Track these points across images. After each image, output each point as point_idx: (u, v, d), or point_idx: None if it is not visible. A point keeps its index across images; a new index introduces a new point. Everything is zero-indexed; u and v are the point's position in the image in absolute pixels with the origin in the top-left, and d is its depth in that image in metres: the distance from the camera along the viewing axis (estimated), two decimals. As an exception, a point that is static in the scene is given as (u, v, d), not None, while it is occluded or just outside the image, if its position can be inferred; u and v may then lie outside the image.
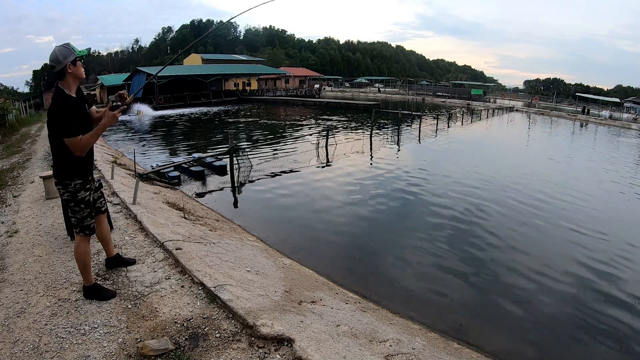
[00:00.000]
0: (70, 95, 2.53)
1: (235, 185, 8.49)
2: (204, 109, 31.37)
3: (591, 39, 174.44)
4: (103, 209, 3.07)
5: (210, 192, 8.18)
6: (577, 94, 53.81)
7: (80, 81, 2.63)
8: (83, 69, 2.61)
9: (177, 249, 3.63)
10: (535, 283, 4.64)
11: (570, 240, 6.06)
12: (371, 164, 11.14)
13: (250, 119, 24.77)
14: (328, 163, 10.93)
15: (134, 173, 7.62)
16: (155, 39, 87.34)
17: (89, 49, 2.73)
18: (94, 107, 2.85)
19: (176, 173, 8.91)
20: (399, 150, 13.55)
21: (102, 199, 3.06)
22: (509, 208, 7.41)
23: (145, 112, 28.19)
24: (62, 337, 2.38)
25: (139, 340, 2.38)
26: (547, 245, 5.83)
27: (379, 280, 4.59)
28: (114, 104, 2.61)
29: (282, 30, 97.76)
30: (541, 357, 3.47)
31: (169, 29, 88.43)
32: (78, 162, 2.60)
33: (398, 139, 15.56)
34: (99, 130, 2.59)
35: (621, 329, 3.87)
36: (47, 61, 2.60)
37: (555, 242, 5.98)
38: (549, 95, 58.55)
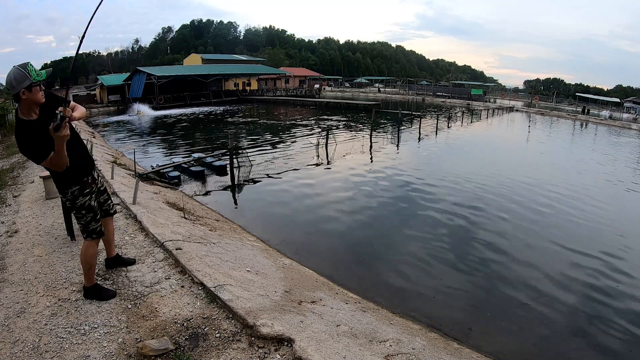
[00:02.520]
0: (28, 120, 2.34)
1: (235, 185, 8.48)
2: (204, 109, 31.35)
3: (591, 39, 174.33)
4: (112, 211, 3.06)
5: (210, 192, 8.18)
6: (577, 94, 53.79)
7: (40, 105, 2.37)
8: (41, 94, 2.34)
9: (177, 249, 3.62)
10: (536, 285, 4.64)
11: (575, 243, 6.04)
12: (371, 164, 11.13)
13: (250, 119, 24.78)
14: (328, 163, 10.93)
15: (134, 173, 7.61)
16: (155, 39, 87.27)
17: (50, 70, 2.50)
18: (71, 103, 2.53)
19: (176, 173, 8.91)
20: (398, 151, 13.54)
21: (110, 201, 3.05)
22: (511, 209, 7.40)
23: (145, 112, 28.19)
24: (62, 337, 2.39)
25: (139, 340, 2.38)
26: (549, 248, 5.79)
27: (379, 280, 4.59)
28: (55, 123, 2.17)
29: (282, 30, 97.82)
30: (541, 357, 3.47)
31: (169, 29, 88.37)
32: (69, 169, 2.48)
33: (398, 139, 15.56)
34: (59, 150, 2.29)
35: (623, 333, 3.86)
36: (48, 61, 2.53)
37: (558, 245, 5.95)
38: (549, 95, 58.58)
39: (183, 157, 11.28)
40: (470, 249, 5.51)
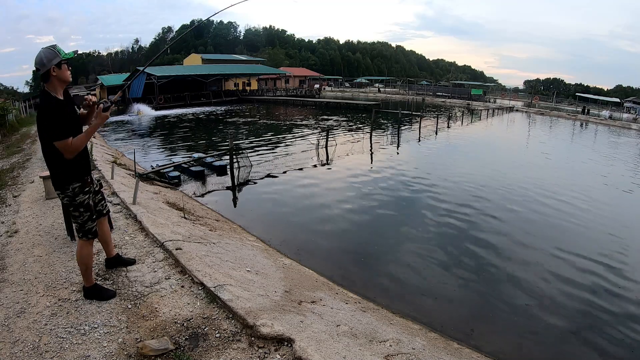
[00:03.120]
0: (57, 97, 2.45)
1: (235, 185, 8.49)
2: (204, 109, 31.34)
3: (591, 39, 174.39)
4: (104, 211, 3.07)
5: (210, 192, 8.17)
6: (577, 94, 53.82)
7: (68, 84, 2.55)
8: (69, 72, 2.50)
9: (177, 249, 3.63)
10: (537, 286, 4.64)
11: (575, 244, 6.04)
12: (371, 164, 11.14)
13: (250, 119, 24.77)
14: (328, 163, 10.93)
15: (134, 173, 7.61)
16: (155, 39, 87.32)
17: (76, 51, 2.63)
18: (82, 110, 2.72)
19: (176, 173, 8.90)
20: (398, 151, 13.54)
21: (103, 201, 3.06)
22: (512, 211, 7.39)
23: (145, 112, 28.18)
24: (62, 337, 2.39)
25: (139, 340, 2.38)
26: (550, 249, 5.77)
27: (379, 280, 4.59)
28: (106, 104, 2.53)
29: (282, 30, 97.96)
30: (541, 357, 3.47)
31: (169, 29, 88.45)
32: (73, 164, 2.53)
33: (398, 139, 15.56)
34: (91, 131, 2.52)
35: (624, 334, 3.86)
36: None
37: (559, 246, 5.94)
38: (549, 95, 58.60)
39: (183, 157, 11.28)
40: (471, 250, 5.50)
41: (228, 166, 8.91)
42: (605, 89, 74.65)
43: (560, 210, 7.55)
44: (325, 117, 25.91)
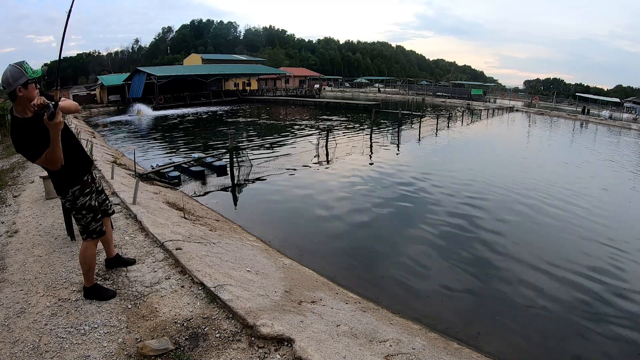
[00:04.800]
0: (24, 117, 2.35)
1: (235, 185, 8.49)
2: (204, 109, 31.35)
3: (591, 39, 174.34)
4: (110, 211, 3.08)
5: (210, 192, 8.17)
6: (577, 94, 53.83)
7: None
8: (37, 91, 2.34)
9: (177, 249, 3.62)
10: (538, 286, 4.64)
11: (577, 244, 6.04)
12: (371, 164, 11.13)
13: (250, 119, 24.77)
14: (328, 163, 10.93)
15: (134, 173, 7.60)
16: (155, 39, 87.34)
17: (45, 68, 2.52)
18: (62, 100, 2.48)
19: (176, 173, 8.91)
20: (398, 151, 13.54)
21: (108, 201, 3.06)
22: (513, 211, 7.38)
23: (145, 112, 28.19)
24: (62, 337, 2.39)
25: (139, 340, 2.38)
26: (549, 249, 5.77)
27: (379, 280, 4.58)
28: (49, 111, 2.19)
29: (282, 30, 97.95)
30: (542, 358, 3.47)
31: (169, 29, 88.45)
32: (68, 168, 2.49)
33: (398, 139, 15.55)
34: (54, 141, 2.30)
35: (626, 337, 3.86)
36: (48, 61, 2.54)
37: (559, 246, 5.94)
38: (549, 95, 58.61)
39: (183, 157, 11.28)
40: (471, 250, 5.50)
41: (228, 166, 8.91)
42: (605, 89, 74.73)
43: (562, 209, 7.55)
44: (325, 117, 25.91)
